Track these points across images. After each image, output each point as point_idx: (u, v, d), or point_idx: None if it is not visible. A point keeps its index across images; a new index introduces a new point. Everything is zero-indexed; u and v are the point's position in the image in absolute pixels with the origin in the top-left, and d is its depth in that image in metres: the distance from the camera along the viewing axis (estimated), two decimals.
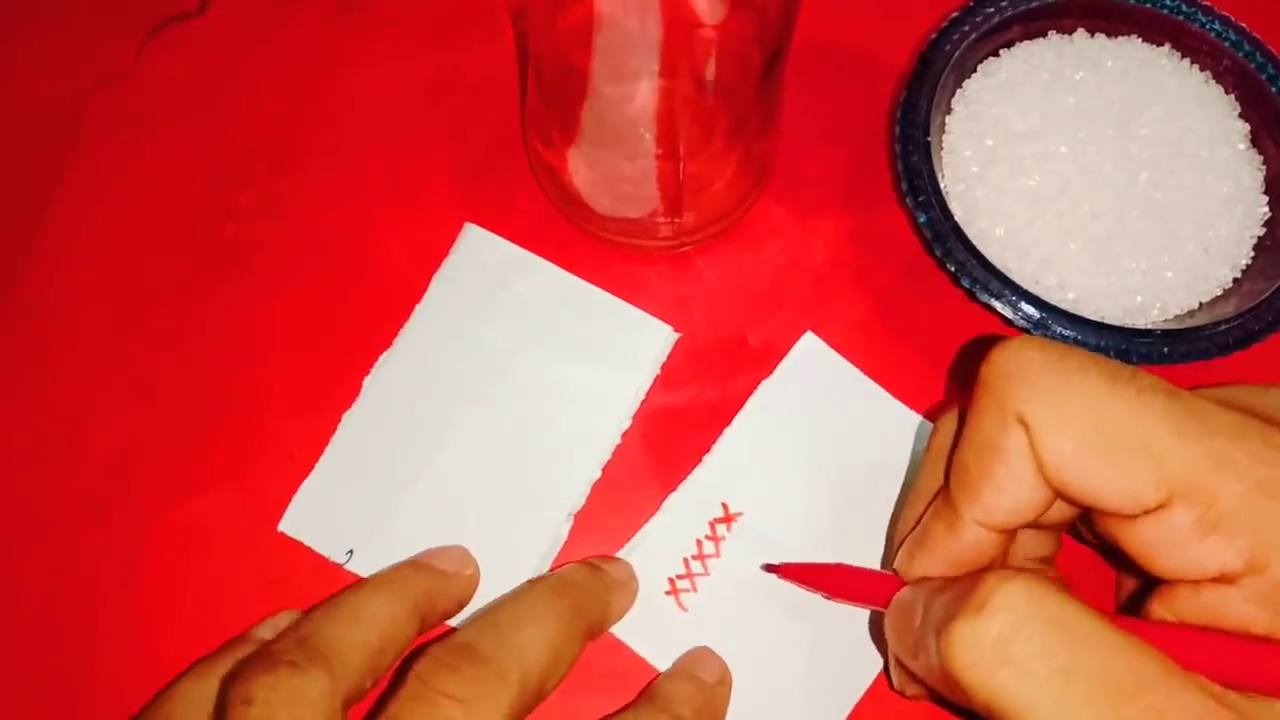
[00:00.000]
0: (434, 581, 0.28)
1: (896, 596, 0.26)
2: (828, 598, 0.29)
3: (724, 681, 0.29)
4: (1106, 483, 0.22)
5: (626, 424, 0.33)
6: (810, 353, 0.34)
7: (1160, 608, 0.22)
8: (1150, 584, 0.23)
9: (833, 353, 0.34)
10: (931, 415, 0.33)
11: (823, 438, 0.32)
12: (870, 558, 0.31)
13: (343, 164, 0.37)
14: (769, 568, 0.29)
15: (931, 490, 0.27)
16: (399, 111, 0.37)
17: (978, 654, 0.20)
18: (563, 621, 0.26)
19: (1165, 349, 0.31)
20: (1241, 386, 0.25)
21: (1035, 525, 0.25)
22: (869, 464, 0.32)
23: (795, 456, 0.32)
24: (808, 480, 0.32)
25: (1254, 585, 0.21)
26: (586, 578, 0.29)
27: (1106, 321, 0.31)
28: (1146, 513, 0.22)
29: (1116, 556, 0.24)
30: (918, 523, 0.26)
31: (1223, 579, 0.21)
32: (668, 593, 0.31)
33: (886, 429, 0.33)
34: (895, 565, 0.26)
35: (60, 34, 0.39)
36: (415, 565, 0.29)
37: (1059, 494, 0.23)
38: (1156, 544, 0.22)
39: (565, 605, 0.27)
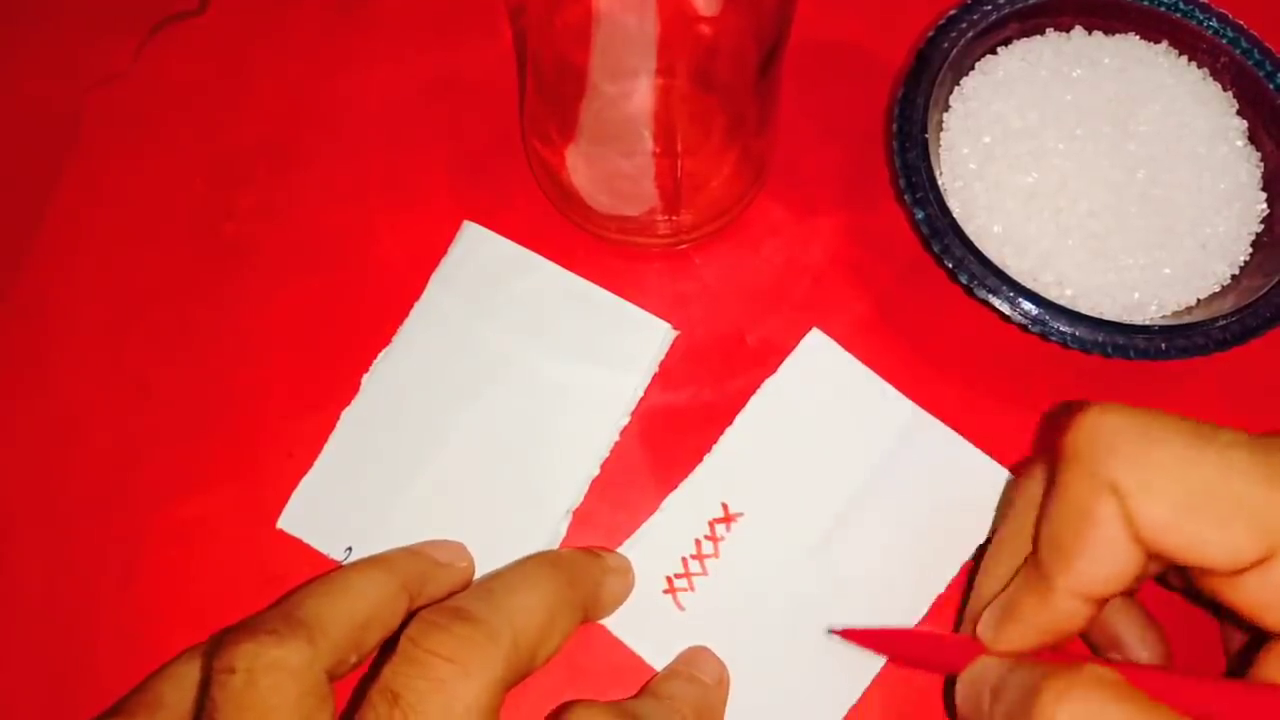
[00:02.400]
0: (427, 567, 0.28)
1: (968, 672, 0.26)
2: (896, 662, 0.29)
3: (722, 682, 0.29)
4: (1205, 543, 0.22)
5: (625, 421, 0.33)
6: (816, 349, 0.33)
7: (1273, 666, 0.22)
8: (1259, 639, 0.23)
9: (839, 349, 0.33)
10: (943, 418, 0.32)
11: (827, 438, 0.32)
12: (869, 562, 0.31)
13: (342, 163, 0.37)
14: (837, 631, 0.29)
15: (1014, 552, 0.26)
16: (398, 111, 0.37)
17: None
18: (557, 591, 0.26)
19: (1163, 345, 0.31)
20: None
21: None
22: (874, 466, 0.32)
23: (798, 457, 0.32)
24: (810, 481, 0.32)
25: None
26: (583, 557, 0.30)
27: (1104, 318, 0.31)
28: (1248, 568, 0.22)
29: (1220, 611, 0.24)
30: (1000, 588, 0.26)
31: None
32: (665, 591, 0.31)
33: (893, 428, 0.32)
34: (980, 634, 0.26)
35: (60, 34, 0.39)
36: (410, 551, 0.29)
37: (1157, 556, 0.23)
38: (1261, 598, 0.22)
39: (560, 576, 0.27)
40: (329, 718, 0.23)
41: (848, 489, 0.32)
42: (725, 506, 0.32)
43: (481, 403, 0.33)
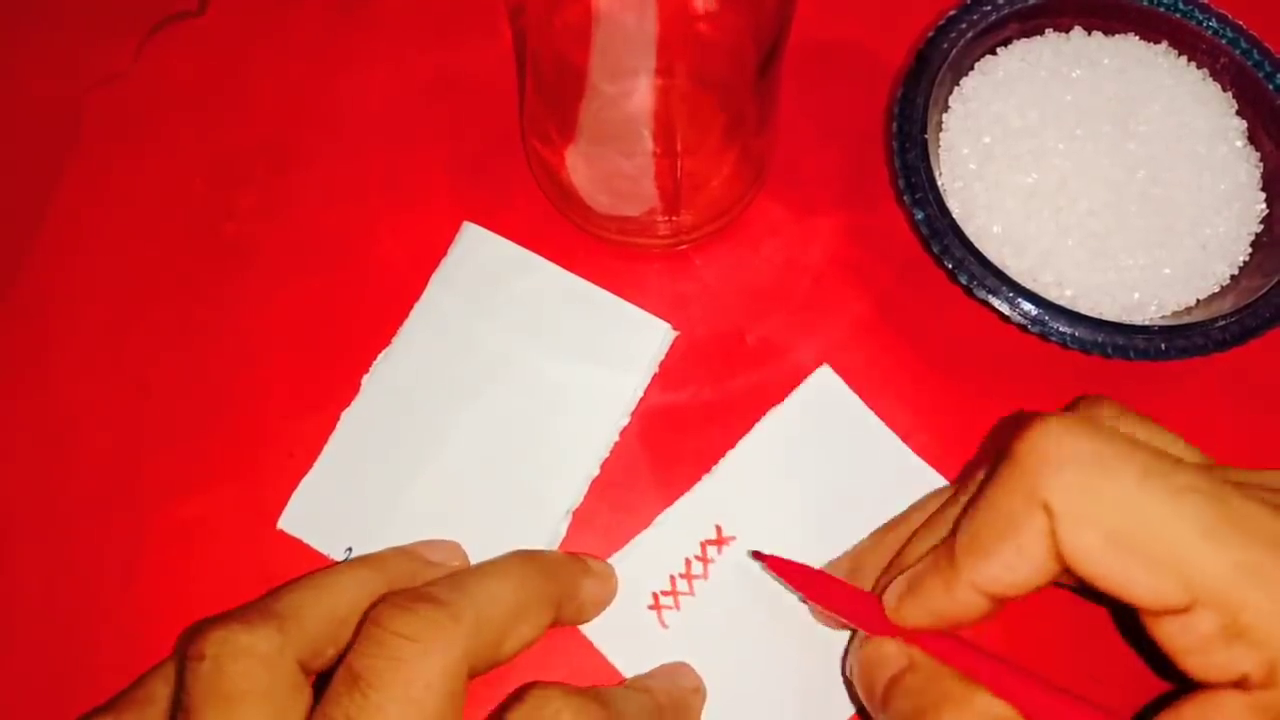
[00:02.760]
0: (416, 566, 0.28)
1: (870, 650, 0.26)
2: (804, 600, 0.29)
3: (698, 690, 0.29)
4: (1130, 580, 0.22)
5: (625, 422, 0.33)
6: (824, 387, 0.33)
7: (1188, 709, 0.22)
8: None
9: (846, 389, 0.33)
10: (946, 470, 0.32)
11: (826, 475, 0.32)
12: None
13: (342, 163, 0.37)
14: (757, 555, 0.29)
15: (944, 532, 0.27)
16: (398, 111, 0.37)
17: None
18: (528, 581, 0.26)
19: (1162, 345, 0.31)
20: None
21: None
22: (870, 509, 0.31)
23: (796, 489, 0.32)
24: (806, 516, 0.31)
25: (1264, 698, 0.21)
26: (563, 557, 0.30)
27: (1104, 318, 0.31)
28: (1170, 612, 0.22)
29: (1134, 627, 0.24)
30: (892, 558, 0.27)
31: (1242, 686, 0.21)
32: (650, 607, 0.30)
33: (895, 476, 0.32)
34: (884, 600, 0.26)
35: (60, 34, 0.39)
36: (401, 551, 0.29)
37: (1079, 577, 0.23)
38: (1179, 642, 0.22)
39: (533, 568, 0.27)
40: (304, 707, 0.23)
41: (840, 529, 0.31)
42: (719, 528, 0.31)
43: (481, 403, 0.33)
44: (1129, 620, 0.24)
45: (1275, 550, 0.21)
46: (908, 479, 0.32)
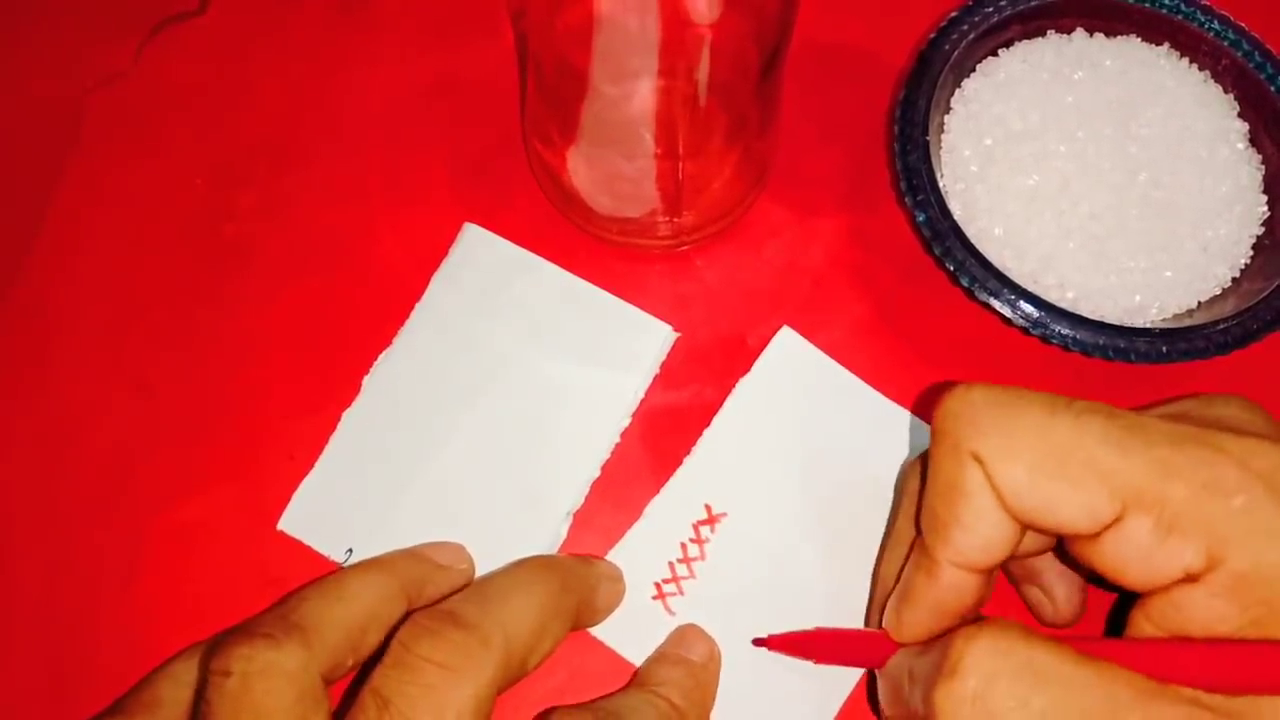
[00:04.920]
0: (426, 570, 0.28)
1: (885, 669, 0.26)
2: (817, 663, 0.29)
3: (712, 659, 0.30)
4: (1063, 503, 0.23)
5: (626, 423, 0.33)
6: (787, 347, 0.33)
7: (1143, 621, 0.23)
8: (1131, 598, 0.24)
9: (810, 346, 0.33)
10: (917, 410, 0.33)
11: (803, 433, 0.32)
12: (854, 554, 0.31)
13: (342, 164, 0.37)
14: (758, 642, 0.30)
15: (905, 540, 0.27)
16: (399, 111, 0.37)
17: (959, 715, 0.22)
18: (550, 595, 0.26)
19: (1164, 348, 0.31)
20: (1188, 399, 0.26)
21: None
22: (851, 457, 0.32)
23: (777, 453, 0.32)
24: (790, 477, 0.32)
25: (1215, 580, 0.22)
26: (576, 563, 0.30)
27: (1105, 321, 0.31)
28: (1106, 528, 0.23)
29: (1098, 580, 0.24)
30: (898, 578, 0.27)
31: (1188, 579, 0.22)
32: (654, 598, 0.31)
33: (868, 421, 0.33)
34: (884, 624, 0.27)
35: (60, 34, 0.39)
36: (409, 553, 0.29)
37: (1023, 523, 0.24)
38: (1122, 557, 0.23)
39: (553, 581, 0.27)
40: None
41: (828, 483, 0.32)
42: (708, 508, 0.32)
43: (482, 404, 0.33)
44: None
45: (1175, 446, 0.22)
46: (882, 423, 0.33)
